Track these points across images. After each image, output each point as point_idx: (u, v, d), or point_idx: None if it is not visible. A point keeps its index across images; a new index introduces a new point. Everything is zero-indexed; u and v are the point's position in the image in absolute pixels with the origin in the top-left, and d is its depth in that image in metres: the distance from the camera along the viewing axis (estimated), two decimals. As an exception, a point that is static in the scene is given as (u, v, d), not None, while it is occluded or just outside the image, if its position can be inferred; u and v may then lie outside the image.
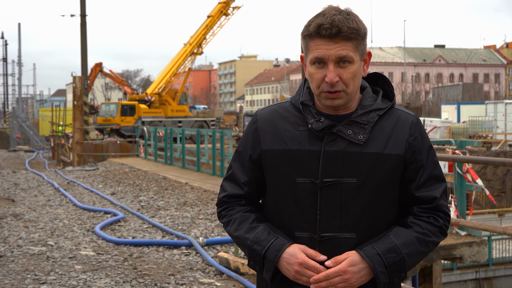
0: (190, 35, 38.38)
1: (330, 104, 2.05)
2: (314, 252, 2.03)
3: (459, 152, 7.29)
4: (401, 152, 2.08)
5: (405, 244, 2.03)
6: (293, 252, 2.02)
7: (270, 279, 2.08)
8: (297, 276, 2.02)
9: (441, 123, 36.14)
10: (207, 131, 19.74)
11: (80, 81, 24.55)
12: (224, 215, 2.22)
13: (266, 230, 2.10)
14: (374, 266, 1.99)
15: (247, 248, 2.11)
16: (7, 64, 66.32)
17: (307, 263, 2.00)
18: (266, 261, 2.06)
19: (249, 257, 2.12)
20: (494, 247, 14.99)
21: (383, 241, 2.03)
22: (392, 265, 2.00)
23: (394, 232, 2.06)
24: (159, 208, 11.76)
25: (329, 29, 1.98)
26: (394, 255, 2.01)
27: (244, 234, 2.12)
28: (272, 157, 2.13)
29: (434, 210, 2.10)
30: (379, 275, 1.99)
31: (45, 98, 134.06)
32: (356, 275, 1.98)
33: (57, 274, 6.59)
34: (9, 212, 11.22)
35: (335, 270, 1.98)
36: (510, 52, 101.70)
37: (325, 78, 2.01)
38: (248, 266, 2.14)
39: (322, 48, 2.00)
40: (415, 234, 2.06)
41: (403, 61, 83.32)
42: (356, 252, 2.01)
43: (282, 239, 2.06)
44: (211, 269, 7.23)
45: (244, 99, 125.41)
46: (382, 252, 2.00)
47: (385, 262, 2.00)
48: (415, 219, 2.10)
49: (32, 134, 50.07)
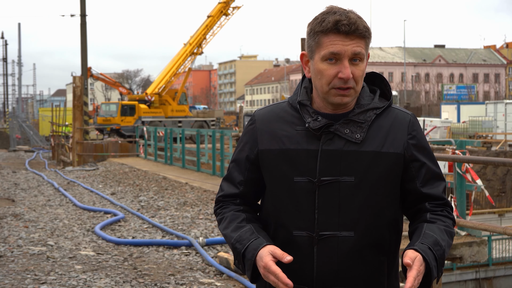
0: (190, 35, 38.40)
1: (339, 102, 2.05)
2: (282, 253, 2.01)
3: (459, 152, 7.29)
4: (399, 150, 2.08)
5: (441, 238, 2.04)
6: (261, 254, 2.02)
7: (251, 278, 2.09)
8: (266, 279, 2.02)
9: (441, 123, 36.13)
10: (207, 131, 19.74)
11: (80, 81, 24.56)
12: (218, 213, 2.25)
13: (250, 230, 2.11)
14: (430, 261, 1.97)
15: (231, 247, 2.13)
16: (7, 64, 66.37)
17: (269, 267, 1.99)
18: (246, 259, 2.07)
19: (234, 256, 2.15)
20: (494, 247, 14.98)
21: (425, 236, 2.03)
22: (440, 258, 2.00)
23: (427, 227, 2.07)
24: (159, 208, 11.76)
25: (347, 26, 1.99)
26: (439, 248, 2.01)
27: (231, 232, 2.14)
28: (269, 157, 2.13)
29: (444, 205, 2.14)
30: (433, 269, 1.98)
31: (45, 98, 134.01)
32: (422, 274, 1.96)
33: (57, 274, 6.59)
34: (9, 212, 11.22)
35: (415, 273, 1.93)
36: (510, 52, 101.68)
37: (337, 74, 2.01)
38: (234, 265, 2.15)
39: (338, 44, 2.00)
40: (443, 227, 2.08)
41: (403, 61, 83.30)
42: (416, 251, 1.97)
43: (262, 239, 2.07)
44: (211, 269, 7.24)
45: (244, 99, 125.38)
46: (431, 246, 2.00)
47: (436, 255, 1.99)
48: (434, 214, 2.11)
49: (32, 134, 50.03)
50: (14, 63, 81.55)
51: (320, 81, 2.06)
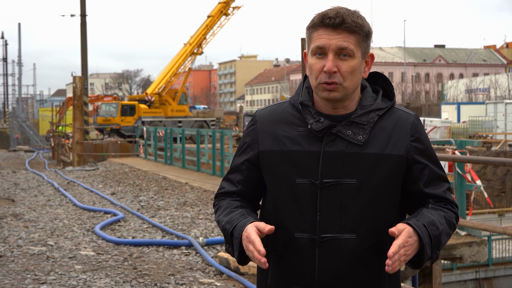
0: (190, 35, 38.38)
1: (326, 97, 2.03)
2: (264, 224, 2.00)
3: (458, 152, 7.29)
4: (402, 152, 2.07)
5: (439, 221, 2.03)
6: (247, 228, 2.01)
7: (238, 259, 2.08)
8: (248, 254, 2.00)
9: (441, 123, 36.11)
10: (207, 131, 19.73)
11: (80, 81, 24.56)
12: (215, 205, 2.25)
13: (241, 212, 2.10)
14: (423, 237, 1.96)
15: (222, 230, 2.12)
16: (7, 64, 66.41)
17: (249, 236, 1.98)
18: (233, 238, 2.06)
19: (225, 240, 2.13)
20: (494, 247, 14.99)
21: (422, 216, 2.01)
22: (434, 238, 1.99)
23: (426, 211, 2.05)
24: (159, 208, 11.76)
25: (333, 19, 1.98)
26: (435, 228, 2.00)
27: (223, 217, 2.14)
28: (271, 158, 2.12)
29: (448, 203, 2.12)
30: (426, 247, 1.97)
31: (45, 98, 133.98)
32: (412, 247, 1.95)
33: (57, 274, 6.59)
34: (9, 212, 11.22)
35: (401, 242, 1.91)
36: (510, 52, 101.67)
37: (323, 68, 2.00)
38: (226, 251, 2.14)
39: (324, 38, 2.00)
40: (443, 214, 2.07)
41: (403, 61, 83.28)
42: (407, 224, 1.97)
43: (251, 218, 2.06)
44: (211, 269, 7.23)
45: (244, 99, 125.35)
46: (426, 224, 1.99)
47: (431, 234, 1.98)
48: (435, 205, 2.10)
49: (32, 134, 50.05)
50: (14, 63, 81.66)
51: (311, 76, 2.05)
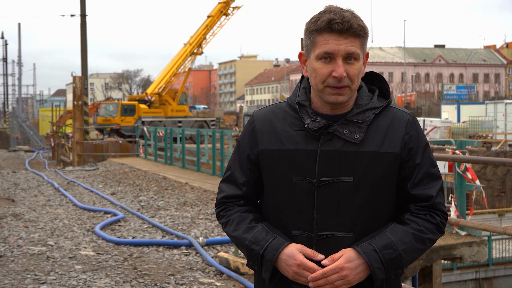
0: (190, 35, 38.37)
1: (333, 101, 2.05)
2: (312, 252, 2.03)
3: (459, 152, 7.28)
4: (397, 150, 2.08)
5: (401, 241, 2.03)
6: (291, 253, 2.03)
7: (269, 278, 2.09)
8: (296, 277, 2.03)
9: (441, 123, 36.15)
10: (207, 131, 19.73)
11: (80, 81, 24.56)
12: (222, 216, 2.23)
13: (264, 230, 2.10)
14: (370, 262, 1.99)
15: (246, 248, 2.11)
16: (7, 64, 66.37)
17: (305, 264, 2.01)
18: (264, 260, 2.06)
19: (248, 257, 2.13)
20: (494, 247, 14.99)
21: (379, 238, 2.03)
22: (389, 261, 2.00)
23: (391, 228, 2.06)
24: (159, 208, 11.76)
25: (340, 24, 1.99)
26: (391, 251, 2.01)
27: (243, 234, 2.13)
28: (269, 157, 2.14)
29: (430, 208, 2.10)
30: (376, 271, 1.99)
31: (45, 98, 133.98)
32: (353, 271, 1.99)
33: (57, 274, 6.59)
34: (9, 212, 11.23)
35: (332, 268, 1.98)
36: (510, 52, 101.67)
37: (331, 73, 2.01)
38: (247, 266, 2.14)
39: (331, 43, 2.01)
40: (412, 231, 2.06)
41: (403, 61, 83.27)
42: (352, 249, 2.01)
43: (280, 238, 2.07)
44: (211, 269, 7.24)
45: (244, 99, 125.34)
46: (378, 249, 2.00)
47: (382, 258, 2.00)
48: (411, 216, 2.10)
49: (32, 134, 50.04)
50: (14, 63, 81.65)
51: (315, 80, 2.06)
